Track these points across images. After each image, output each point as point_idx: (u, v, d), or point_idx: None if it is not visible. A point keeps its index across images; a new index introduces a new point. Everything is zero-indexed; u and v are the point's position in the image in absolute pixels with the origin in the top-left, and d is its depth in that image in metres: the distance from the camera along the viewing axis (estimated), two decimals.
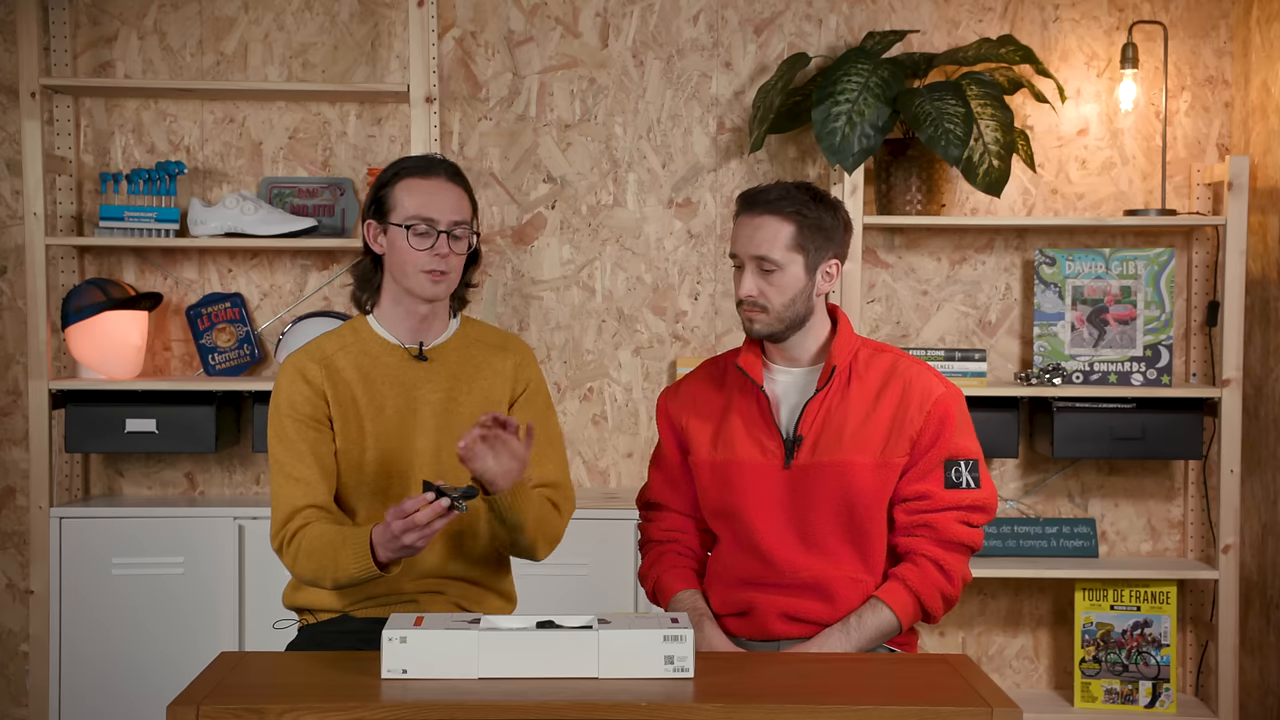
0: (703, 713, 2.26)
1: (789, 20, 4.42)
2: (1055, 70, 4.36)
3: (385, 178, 2.85)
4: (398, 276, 2.83)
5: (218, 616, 4.09)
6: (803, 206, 2.79)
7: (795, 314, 2.81)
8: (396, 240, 2.80)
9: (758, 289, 2.79)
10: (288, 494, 2.77)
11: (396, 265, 2.81)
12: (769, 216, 2.79)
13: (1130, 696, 4.26)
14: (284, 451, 2.79)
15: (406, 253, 2.79)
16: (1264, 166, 4.20)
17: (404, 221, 2.79)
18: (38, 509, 4.14)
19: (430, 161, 2.85)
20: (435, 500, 2.49)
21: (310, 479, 2.77)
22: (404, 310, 2.86)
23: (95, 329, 4.17)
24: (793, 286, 2.79)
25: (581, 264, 4.44)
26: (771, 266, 2.78)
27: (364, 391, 2.83)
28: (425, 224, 2.78)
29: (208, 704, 2.25)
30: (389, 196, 2.82)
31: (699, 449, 2.90)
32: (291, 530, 2.74)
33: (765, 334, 2.83)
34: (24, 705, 4.35)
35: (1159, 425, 4.20)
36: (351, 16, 4.39)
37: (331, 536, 2.67)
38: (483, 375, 2.90)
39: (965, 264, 4.45)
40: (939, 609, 2.83)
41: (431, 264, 2.78)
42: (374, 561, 2.60)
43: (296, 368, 2.83)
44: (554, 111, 4.42)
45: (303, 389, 2.81)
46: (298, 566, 2.73)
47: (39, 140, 4.13)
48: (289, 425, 2.80)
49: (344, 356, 2.85)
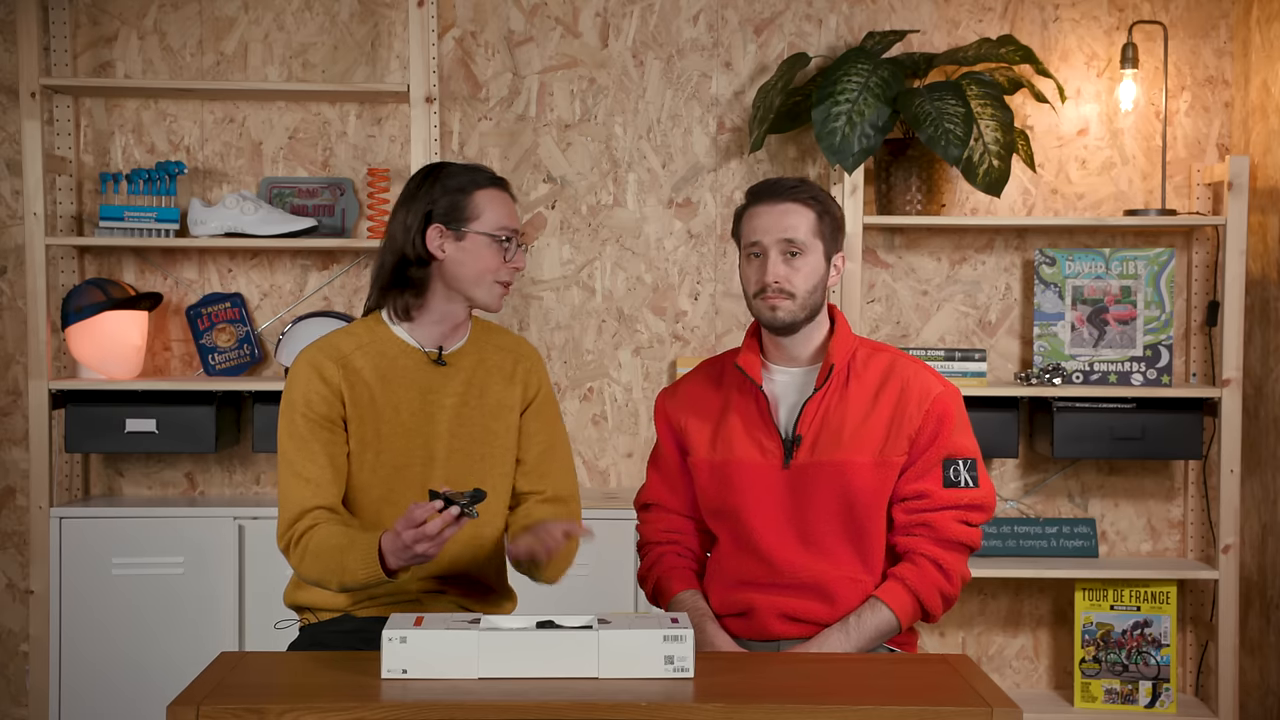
0: (703, 713, 2.26)
1: (789, 20, 4.42)
2: (1055, 70, 4.36)
3: (457, 184, 2.81)
4: (464, 284, 2.81)
5: (218, 616, 4.09)
6: (818, 194, 2.84)
7: (815, 303, 2.83)
8: (478, 249, 2.79)
9: (784, 274, 2.80)
10: (297, 493, 2.75)
11: (468, 274, 2.80)
12: (792, 203, 2.81)
13: (1130, 696, 4.26)
14: (295, 450, 2.77)
15: (491, 261, 2.79)
16: (1264, 166, 4.20)
17: (493, 231, 2.79)
18: (38, 509, 4.14)
19: (496, 176, 2.86)
20: (444, 509, 2.48)
21: (320, 479, 2.76)
22: (441, 318, 2.85)
23: (95, 329, 4.17)
24: (815, 273, 2.81)
25: (581, 264, 4.44)
26: (798, 250, 2.79)
27: (382, 393, 2.81)
28: (511, 235, 2.81)
29: (208, 704, 2.25)
30: (467, 205, 2.79)
31: (698, 449, 2.90)
32: (299, 531, 2.72)
33: (788, 321, 2.81)
34: (24, 705, 4.35)
35: (1159, 425, 4.20)
36: (351, 16, 4.40)
37: (339, 540, 2.66)
38: (495, 382, 2.89)
39: (965, 264, 4.45)
40: (938, 608, 2.83)
41: (508, 275, 2.82)
42: (383, 568, 2.59)
43: (313, 365, 2.79)
44: (554, 111, 4.43)
45: (319, 388, 2.78)
46: (304, 567, 2.72)
47: (39, 140, 4.13)
48: (302, 424, 2.77)
49: (362, 357, 2.82)
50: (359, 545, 2.61)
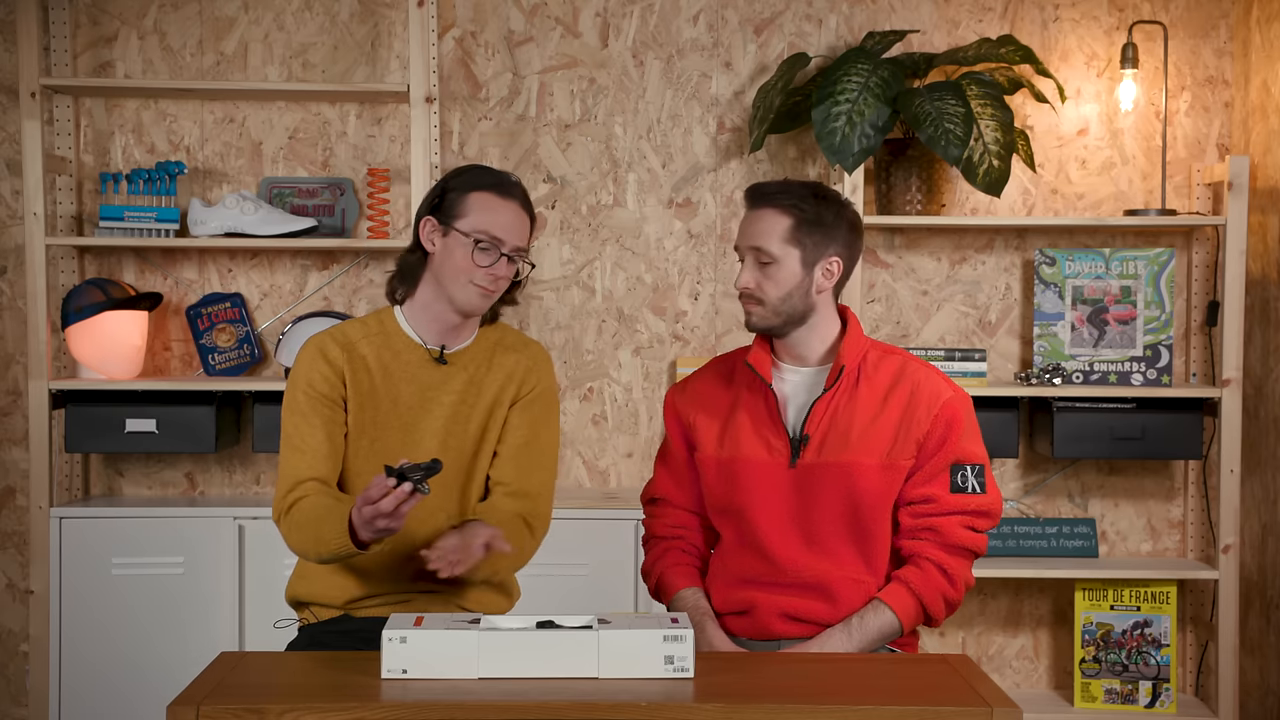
0: (703, 713, 2.26)
1: (789, 20, 4.42)
2: (1055, 70, 4.36)
3: (457, 182, 2.83)
4: (445, 281, 2.82)
5: (218, 616, 4.09)
6: (800, 201, 2.80)
7: (792, 309, 2.82)
8: (455, 248, 2.80)
9: (755, 281, 2.81)
10: (293, 465, 2.79)
11: (448, 271, 2.81)
12: (767, 209, 2.81)
13: (1130, 696, 4.26)
14: (295, 424, 2.81)
15: (463, 263, 2.79)
16: (1264, 166, 4.20)
17: (471, 232, 2.79)
18: (38, 509, 4.14)
19: (508, 182, 2.84)
20: (398, 486, 2.49)
21: (316, 452, 2.79)
22: (434, 314, 2.86)
23: (95, 329, 4.17)
24: (789, 281, 2.80)
25: (581, 264, 4.44)
26: (768, 259, 2.79)
27: (382, 382, 2.84)
28: (492, 242, 2.79)
29: (208, 704, 2.25)
30: (459, 203, 2.81)
31: (705, 445, 2.90)
32: (290, 501, 2.75)
33: (762, 327, 2.84)
34: (24, 705, 4.35)
35: (1159, 425, 4.20)
36: (351, 16, 4.39)
37: (320, 511, 2.69)
38: (494, 378, 2.90)
39: (965, 264, 4.45)
40: (941, 612, 2.83)
41: (484, 281, 2.80)
42: (354, 540, 2.60)
43: (318, 346, 2.85)
44: (554, 111, 4.42)
45: (322, 368, 2.83)
46: (290, 538, 2.75)
47: (39, 140, 4.13)
48: (303, 400, 2.82)
49: (367, 345, 2.86)
50: (334, 516, 2.64)
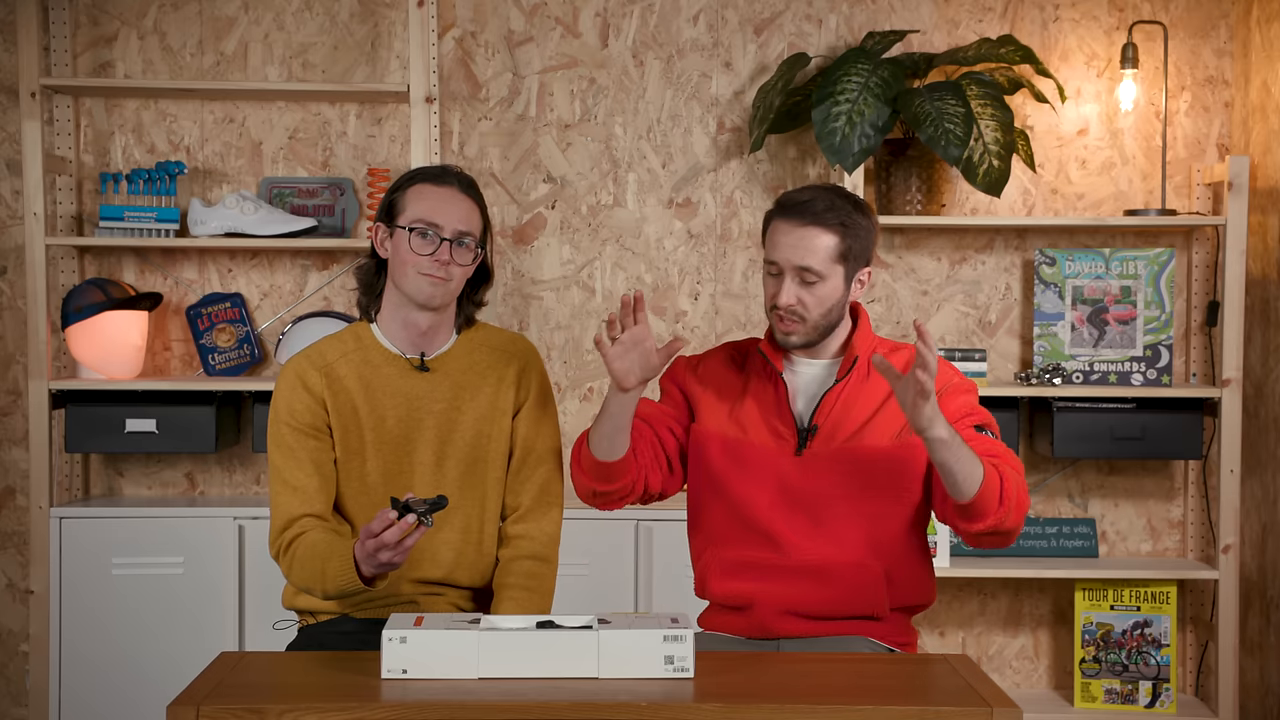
0: (703, 713, 2.26)
1: (789, 20, 4.42)
2: (1055, 70, 4.36)
3: (399, 184, 2.84)
4: (397, 280, 2.82)
5: (218, 616, 4.09)
6: (845, 218, 2.77)
7: (830, 323, 2.81)
8: (399, 243, 2.79)
9: (797, 298, 2.77)
10: (285, 502, 2.77)
11: (397, 268, 2.81)
12: (815, 228, 2.76)
13: (1130, 696, 4.26)
14: (283, 459, 2.79)
15: (406, 254, 2.78)
16: (1264, 166, 4.20)
17: (408, 224, 2.78)
18: (38, 509, 4.14)
19: (444, 170, 2.85)
20: (401, 518, 2.47)
21: (308, 487, 2.77)
22: (402, 321, 2.85)
23: (95, 329, 4.17)
24: (831, 297, 2.79)
25: (581, 264, 4.44)
26: (814, 279, 2.77)
27: (365, 401, 2.82)
28: (429, 228, 2.77)
29: (208, 704, 2.25)
30: (399, 201, 2.82)
31: (709, 420, 2.87)
32: (288, 539, 2.74)
33: (799, 344, 2.81)
34: (24, 705, 4.35)
35: (1159, 425, 4.20)
36: (351, 16, 4.39)
37: (322, 548, 2.67)
38: (486, 383, 2.88)
39: (965, 264, 4.45)
40: (1014, 503, 2.64)
41: (429, 268, 2.77)
42: (359, 576, 2.59)
43: (297, 374, 2.82)
44: (554, 111, 4.42)
45: (303, 397, 2.80)
46: (293, 575, 2.74)
47: (39, 140, 4.13)
48: (288, 433, 2.79)
49: (345, 364, 2.84)
50: (337, 553, 2.63)
